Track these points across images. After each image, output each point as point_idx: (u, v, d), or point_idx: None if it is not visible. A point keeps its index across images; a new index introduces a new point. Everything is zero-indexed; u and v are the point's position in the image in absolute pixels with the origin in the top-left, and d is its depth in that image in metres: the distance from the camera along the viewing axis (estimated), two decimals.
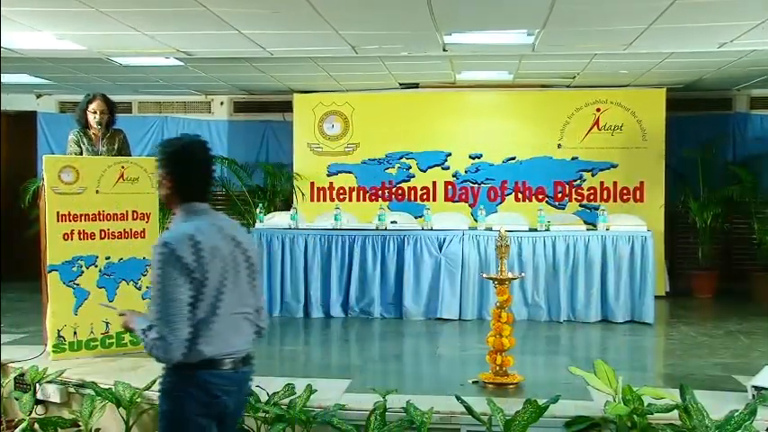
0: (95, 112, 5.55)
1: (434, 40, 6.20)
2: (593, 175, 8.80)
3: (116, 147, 5.69)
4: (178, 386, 2.68)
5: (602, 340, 6.26)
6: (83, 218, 5.15)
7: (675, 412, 3.65)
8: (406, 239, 7.12)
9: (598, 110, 8.76)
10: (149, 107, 10.08)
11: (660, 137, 8.67)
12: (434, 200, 8.92)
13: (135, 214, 5.34)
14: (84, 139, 5.62)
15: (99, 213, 5.21)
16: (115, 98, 5.96)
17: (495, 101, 9.07)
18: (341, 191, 9.14)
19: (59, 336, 5.09)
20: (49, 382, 4.59)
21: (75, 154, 5.54)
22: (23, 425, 4.40)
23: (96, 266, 5.19)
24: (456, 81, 8.77)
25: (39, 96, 10.08)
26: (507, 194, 8.92)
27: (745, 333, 6.40)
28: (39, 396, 4.61)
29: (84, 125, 5.62)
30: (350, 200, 9.05)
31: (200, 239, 2.64)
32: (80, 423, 4.24)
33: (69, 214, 5.10)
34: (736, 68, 7.68)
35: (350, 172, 9.14)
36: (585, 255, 6.95)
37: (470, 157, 8.97)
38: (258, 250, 3.38)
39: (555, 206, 8.75)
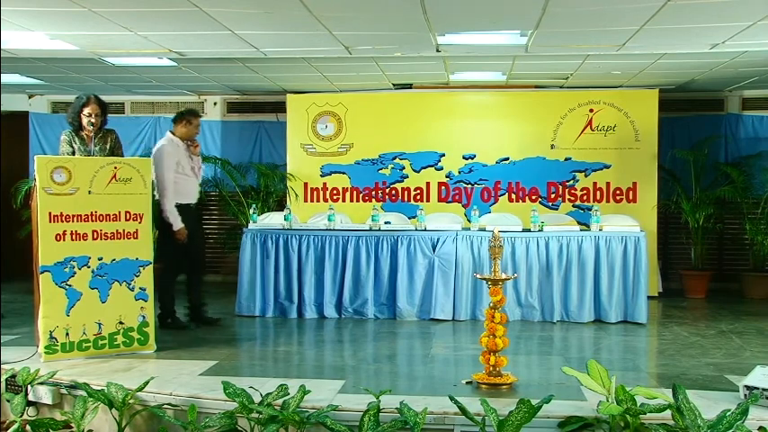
0: (90, 115, 5.54)
1: (428, 41, 6.21)
2: (586, 176, 8.82)
3: (108, 146, 5.69)
4: None
5: (596, 340, 6.26)
6: (75, 218, 5.12)
7: (668, 412, 3.65)
8: (399, 240, 7.12)
9: (591, 110, 8.78)
10: (142, 107, 10.07)
11: (653, 137, 8.70)
12: (428, 200, 8.93)
13: (128, 215, 5.32)
14: (76, 140, 5.61)
15: (91, 214, 5.18)
16: (108, 98, 5.96)
17: (489, 101, 9.08)
18: (334, 191, 9.14)
19: (51, 337, 5.06)
20: (41, 383, 4.57)
21: (68, 154, 5.52)
22: (15, 426, 4.37)
23: (89, 267, 5.17)
24: (449, 82, 8.78)
25: (30, 97, 10.05)
26: (501, 195, 8.93)
27: (738, 333, 6.42)
28: (30, 398, 4.58)
29: (77, 127, 5.61)
30: (343, 200, 9.06)
31: None
32: (72, 424, 4.22)
33: (62, 215, 5.08)
34: (729, 69, 7.71)
35: (343, 172, 9.14)
36: (579, 255, 6.96)
37: (464, 157, 8.98)
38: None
39: (548, 206, 8.77)
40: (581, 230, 7.18)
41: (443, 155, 9.01)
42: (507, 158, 8.93)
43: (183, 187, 6.38)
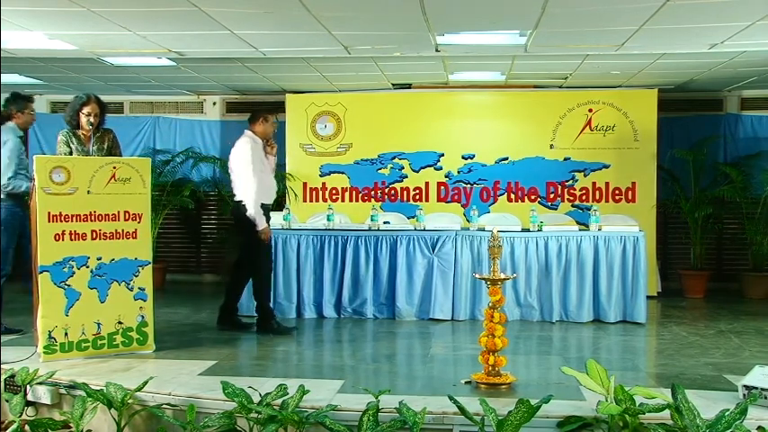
0: (89, 115, 5.54)
1: (427, 41, 6.21)
2: (585, 176, 8.83)
3: (106, 146, 5.69)
4: None
5: (595, 340, 6.27)
6: (74, 218, 5.12)
7: (667, 412, 3.66)
8: (398, 240, 7.12)
9: (590, 110, 8.79)
10: (141, 107, 10.07)
11: (652, 137, 8.70)
12: (427, 200, 8.94)
13: (127, 215, 5.31)
14: (74, 140, 5.61)
15: (90, 214, 5.18)
16: (107, 98, 5.96)
17: (488, 101, 9.08)
18: (333, 191, 9.14)
19: (50, 337, 5.06)
20: (40, 383, 4.56)
21: (65, 154, 5.52)
22: (14, 427, 4.36)
23: (88, 267, 5.16)
24: (449, 81, 8.78)
25: None
26: (500, 195, 8.94)
27: (737, 333, 6.42)
28: (29, 398, 4.57)
29: (75, 126, 5.60)
30: (342, 200, 9.06)
31: None
32: (71, 424, 4.22)
33: (61, 215, 5.07)
34: (728, 69, 7.72)
35: (342, 172, 9.15)
36: (578, 255, 6.96)
37: (463, 157, 8.99)
38: None
39: (547, 206, 8.78)
40: (580, 230, 7.18)
41: (442, 155, 9.02)
42: (506, 158, 8.93)
43: (263, 187, 6.19)
